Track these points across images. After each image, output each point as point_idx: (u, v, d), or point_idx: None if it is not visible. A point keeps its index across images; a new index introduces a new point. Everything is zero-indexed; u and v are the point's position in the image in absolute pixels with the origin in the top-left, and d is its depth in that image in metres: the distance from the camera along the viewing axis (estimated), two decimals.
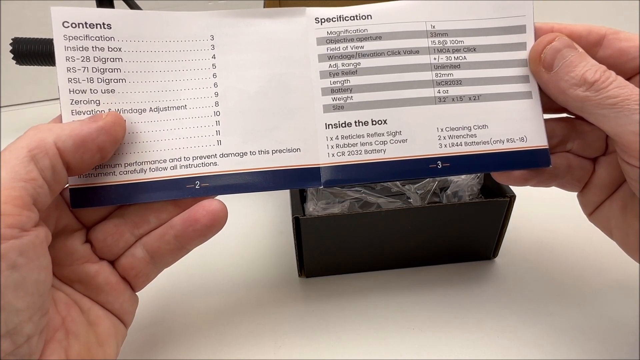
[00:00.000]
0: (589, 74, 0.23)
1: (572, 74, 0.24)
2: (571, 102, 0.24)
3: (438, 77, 0.26)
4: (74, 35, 0.24)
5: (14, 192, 0.20)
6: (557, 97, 0.25)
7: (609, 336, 0.29)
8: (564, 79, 0.24)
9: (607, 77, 0.23)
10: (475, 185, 0.35)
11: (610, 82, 0.23)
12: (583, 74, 0.23)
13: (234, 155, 0.26)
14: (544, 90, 0.26)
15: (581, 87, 0.23)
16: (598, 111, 0.23)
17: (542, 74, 0.25)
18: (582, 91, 0.23)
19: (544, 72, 0.25)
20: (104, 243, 0.25)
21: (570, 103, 0.24)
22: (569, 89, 0.24)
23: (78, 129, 0.23)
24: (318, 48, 0.27)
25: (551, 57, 0.25)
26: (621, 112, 0.22)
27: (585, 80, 0.23)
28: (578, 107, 0.24)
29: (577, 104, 0.24)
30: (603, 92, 0.23)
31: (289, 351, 0.29)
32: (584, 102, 0.23)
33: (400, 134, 0.26)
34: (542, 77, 0.25)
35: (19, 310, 0.19)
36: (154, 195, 0.25)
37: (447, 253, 0.34)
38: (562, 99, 0.25)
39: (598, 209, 0.27)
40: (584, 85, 0.23)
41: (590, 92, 0.23)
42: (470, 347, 0.29)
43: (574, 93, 0.24)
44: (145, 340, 0.30)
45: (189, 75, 0.26)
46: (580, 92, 0.23)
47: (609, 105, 0.22)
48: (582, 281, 0.33)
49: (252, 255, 0.36)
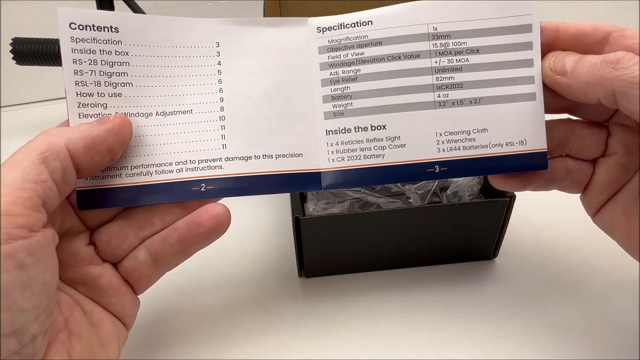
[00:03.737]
0: (608, 57, 0.23)
1: (589, 64, 0.23)
2: (601, 91, 0.23)
3: (439, 80, 0.26)
4: (81, 38, 0.24)
5: (24, 193, 0.20)
6: (585, 92, 0.24)
7: (609, 336, 0.29)
8: (583, 72, 0.23)
9: (632, 56, 0.22)
10: (475, 185, 0.35)
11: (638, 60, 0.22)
12: (602, 59, 0.23)
13: (238, 159, 0.26)
14: (567, 96, 0.25)
15: (605, 69, 0.22)
16: (633, 91, 0.22)
17: (559, 81, 0.24)
18: (609, 72, 0.22)
19: (561, 78, 0.24)
20: (108, 245, 0.25)
21: (600, 92, 0.23)
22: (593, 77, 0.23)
23: (87, 131, 0.23)
24: (320, 57, 0.27)
25: (560, 62, 0.24)
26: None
27: (608, 62, 0.22)
28: (609, 92, 0.23)
29: (608, 89, 0.22)
30: (633, 70, 0.22)
31: (289, 351, 0.29)
32: (614, 82, 0.22)
33: (399, 139, 0.26)
34: (562, 83, 0.24)
35: (25, 310, 0.19)
36: (159, 197, 0.25)
37: (447, 253, 0.34)
38: (590, 92, 0.23)
39: (601, 211, 0.27)
40: (608, 66, 0.22)
41: (619, 70, 0.22)
42: (470, 347, 0.29)
43: (601, 76, 0.22)
44: (146, 340, 0.30)
45: (195, 80, 0.26)
46: (606, 73, 0.22)
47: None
48: (582, 281, 0.33)
49: (252, 255, 0.37)
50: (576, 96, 0.24)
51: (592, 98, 0.24)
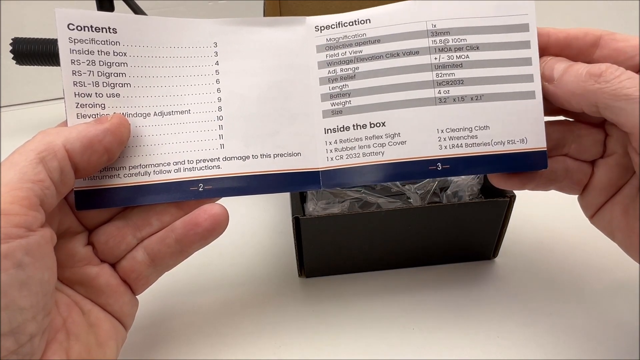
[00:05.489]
0: (592, 69, 0.23)
1: (575, 74, 0.23)
2: (584, 102, 0.23)
3: (439, 77, 0.26)
4: (79, 38, 0.25)
5: (22, 192, 0.20)
6: (569, 102, 0.24)
7: (609, 336, 0.29)
8: (569, 81, 0.24)
9: (615, 69, 0.23)
10: (475, 185, 0.35)
11: (621, 73, 0.22)
12: (588, 70, 0.23)
13: (236, 158, 0.26)
14: (554, 102, 0.25)
15: (589, 81, 0.23)
16: (615, 103, 0.22)
17: (547, 87, 0.25)
18: (592, 84, 0.23)
19: (548, 85, 0.25)
20: (106, 245, 0.25)
21: (583, 103, 0.24)
22: (577, 89, 0.23)
23: (85, 131, 0.23)
24: (318, 55, 0.27)
25: (549, 68, 0.25)
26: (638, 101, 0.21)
27: (592, 74, 0.23)
28: (592, 103, 0.23)
29: (591, 101, 0.23)
30: (615, 83, 0.22)
31: (289, 351, 0.29)
32: (597, 95, 0.23)
33: (399, 136, 0.26)
34: (549, 90, 0.25)
35: (23, 309, 0.20)
36: (157, 197, 0.25)
37: (447, 253, 0.34)
38: (575, 102, 0.24)
39: (599, 212, 0.27)
40: (591, 79, 0.23)
41: (600, 83, 0.22)
42: (470, 347, 0.29)
43: (585, 88, 0.23)
44: (146, 340, 0.30)
45: (193, 80, 0.26)
46: (589, 85, 0.23)
47: (624, 97, 0.22)
48: (582, 281, 0.33)
49: (252, 255, 0.37)
50: (562, 104, 0.25)
51: (577, 107, 0.24)
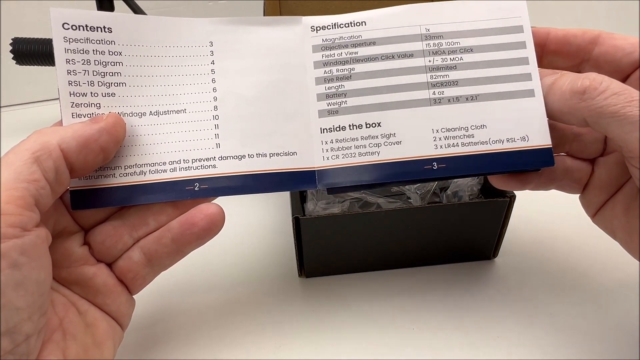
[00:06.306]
0: (575, 85, 0.23)
1: (560, 92, 0.24)
2: (573, 119, 0.23)
3: (433, 78, 0.26)
4: (74, 38, 0.25)
5: (17, 192, 0.20)
6: (560, 119, 0.24)
7: (609, 336, 0.29)
8: (554, 100, 0.24)
9: (599, 82, 0.22)
10: (475, 185, 0.35)
11: (605, 87, 0.22)
12: (571, 88, 0.23)
13: (232, 158, 0.26)
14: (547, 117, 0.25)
15: (573, 99, 0.23)
16: (601, 120, 0.22)
17: None
18: (577, 102, 0.23)
19: None
20: (102, 245, 0.25)
21: (572, 120, 0.24)
22: (564, 107, 0.23)
23: (81, 130, 0.23)
24: (314, 55, 0.27)
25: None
26: (624, 119, 0.21)
27: (575, 92, 0.23)
28: (580, 120, 0.23)
29: (578, 118, 0.23)
30: (600, 101, 0.22)
31: (289, 351, 0.29)
32: (583, 112, 0.22)
33: (394, 136, 0.26)
34: None
35: (19, 309, 0.19)
36: (153, 196, 0.25)
37: (447, 253, 0.34)
38: (565, 119, 0.24)
39: (600, 211, 0.27)
40: (575, 97, 0.23)
41: (586, 101, 0.22)
42: (470, 347, 0.29)
43: (571, 106, 0.23)
44: (145, 340, 0.30)
45: (189, 80, 0.26)
46: (574, 104, 0.23)
47: (609, 114, 0.22)
48: (583, 281, 0.33)
49: (252, 255, 0.36)
50: (554, 119, 0.25)
51: (569, 122, 0.24)
